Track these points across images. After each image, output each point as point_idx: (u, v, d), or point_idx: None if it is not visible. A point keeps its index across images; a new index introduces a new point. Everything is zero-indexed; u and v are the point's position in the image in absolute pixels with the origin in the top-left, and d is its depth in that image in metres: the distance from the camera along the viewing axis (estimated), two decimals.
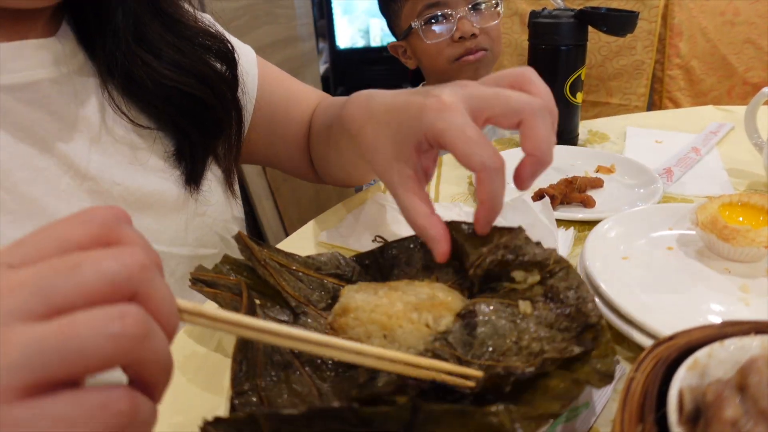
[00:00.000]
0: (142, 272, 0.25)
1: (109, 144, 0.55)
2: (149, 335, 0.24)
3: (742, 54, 1.62)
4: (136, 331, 0.23)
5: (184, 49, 0.58)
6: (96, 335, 0.22)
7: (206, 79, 0.59)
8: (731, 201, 0.55)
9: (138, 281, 0.24)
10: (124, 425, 0.23)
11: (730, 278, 0.50)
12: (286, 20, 2.29)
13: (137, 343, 0.23)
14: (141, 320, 0.23)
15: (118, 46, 0.53)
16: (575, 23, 0.81)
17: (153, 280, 0.25)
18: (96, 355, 0.22)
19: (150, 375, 0.25)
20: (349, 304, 0.41)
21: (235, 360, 0.37)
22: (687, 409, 0.26)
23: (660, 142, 0.92)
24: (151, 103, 0.57)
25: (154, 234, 0.56)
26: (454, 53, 1.16)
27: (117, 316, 0.23)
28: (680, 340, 0.31)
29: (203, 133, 0.60)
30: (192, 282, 0.45)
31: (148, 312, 0.24)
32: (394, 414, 0.28)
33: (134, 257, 0.24)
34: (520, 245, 0.42)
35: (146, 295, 0.25)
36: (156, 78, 0.55)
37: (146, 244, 0.27)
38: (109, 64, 0.54)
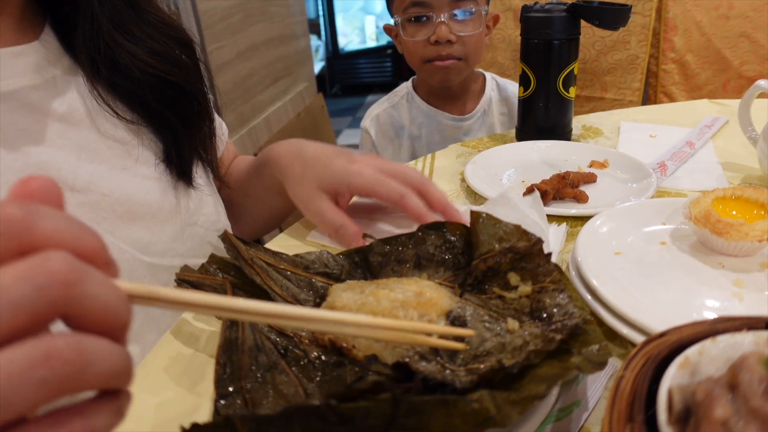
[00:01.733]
0: (67, 289, 0.21)
1: (97, 147, 0.54)
2: (81, 280, 0.22)
3: (737, 48, 1.61)
4: (65, 278, 0.21)
5: (155, 37, 0.58)
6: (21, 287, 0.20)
7: (182, 66, 0.60)
8: (725, 195, 0.54)
9: (64, 302, 0.21)
10: (71, 374, 0.21)
11: (723, 273, 0.49)
12: (280, 18, 2.28)
13: (67, 289, 0.21)
14: (68, 266, 0.21)
15: (98, 33, 0.53)
16: (568, 17, 0.81)
17: (82, 295, 0.22)
18: (22, 307, 0.20)
19: (95, 322, 0.23)
20: (336, 303, 0.40)
21: (218, 362, 0.36)
22: (677, 409, 0.25)
23: (654, 137, 0.91)
24: (136, 95, 0.56)
25: (145, 246, 0.55)
26: (427, 55, 1.16)
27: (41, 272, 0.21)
28: (671, 336, 0.30)
29: (186, 123, 0.61)
30: (177, 283, 0.45)
31: (88, 327, 0.22)
32: (374, 409, 0.28)
33: (54, 272, 0.21)
34: (532, 255, 0.42)
35: (79, 313, 0.22)
36: (140, 66, 0.55)
37: (71, 236, 0.23)
38: (92, 53, 0.53)
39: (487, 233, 0.45)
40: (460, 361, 0.37)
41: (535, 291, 0.41)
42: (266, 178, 0.68)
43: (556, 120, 0.87)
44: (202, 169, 0.65)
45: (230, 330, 0.38)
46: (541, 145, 0.85)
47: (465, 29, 1.13)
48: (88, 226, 0.24)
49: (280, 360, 0.39)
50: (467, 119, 1.25)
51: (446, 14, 1.11)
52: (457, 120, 1.25)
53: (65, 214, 0.23)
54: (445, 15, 1.11)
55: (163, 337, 0.48)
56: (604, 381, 0.39)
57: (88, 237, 0.24)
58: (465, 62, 1.17)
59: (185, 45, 0.62)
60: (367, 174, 0.58)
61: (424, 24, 1.14)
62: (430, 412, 0.29)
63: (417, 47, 1.17)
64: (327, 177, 0.59)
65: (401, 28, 1.17)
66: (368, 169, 0.58)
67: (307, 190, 0.60)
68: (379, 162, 0.61)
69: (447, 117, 1.25)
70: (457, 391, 0.32)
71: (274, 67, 2.18)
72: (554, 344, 0.34)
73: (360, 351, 0.38)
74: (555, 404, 0.37)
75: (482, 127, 1.26)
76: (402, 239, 0.50)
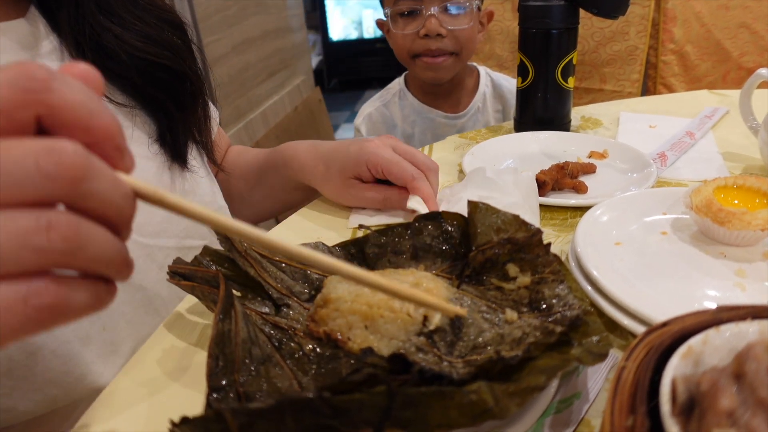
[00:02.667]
0: (72, 185, 0.22)
1: None
2: (87, 177, 0.22)
3: (736, 39, 1.60)
4: (72, 173, 0.22)
5: (146, 20, 0.57)
6: (30, 168, 0.21)
7: (173, 48, 0.59)
8: (726, 184, 0.53)
9: (67, 195, 0.22)
10: (66, 250, 0.22)
11: (725, 263, 0.48)
12: (277, 11, 2.27)
13: (72, 184, 0.22)
14: (77, 160, 0.22)
15: (83, 16, 0.52)
16: (566, 6, 0.80)
17: (86, 192, 0.23)
18: (26, 187, 0.21)
19: (97, 215, 0.23)
20: (331, 294, 0.39)
21: (211, 355, 0.35)
22: (680, 400, 0.24)
23: (654, 127, 0.90)
24: (126, 78, 0.55)
25: (138, 226, 0.54)
26: (416, 49, 1.14)
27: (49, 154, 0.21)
28: (673, 326, 0.29)
29: (179, 105, 0.60)
30: (170, 275, 0.44)
31: (90, 216, 0.23)
32: (369, 401, 0.27)
33: (63, 164, 0.22)
34: (531, 246, 0.41)
35: (82, 207, 0.23)
36: (127, 50, 0.54)
37: (86, 110, 0.23)
38: (77, 37, 0.52)
39: (485, 224, 0.44)
40: (458, 353, 0.36)
41: (534, 282, 0.40)
42: (285, 177, 0.71)
43: (554, 110, 0.86)
44: (197, 151, 0.65)
45: (223, 322, 0.37)
46: (539, 136, 0.84)
47: (456, 23, 1.11)
48: (108, 108, 0.25)
49: (275, 353, 0.38)
50: (461, 117, 1.23)
51: (437, 8, 1.09)
52: (450, 118, 1.23)
53: (89, 91, 0.24)
54: (436, 8, 1.09)
55: (156, 329, 0.47)
56: (605, 372, 0.39)
57: (104, 117, 0.24)
58: (456, 57, 1.15)
59: (176, 27, 0.61)
60: (382, 153, 0.60)
61: (414, 17, 1.12)
62: (427, 404, 0.28)
63: (406, 41, 1.15)
64: (348, 164, 0.62)
65: (391, 21, 1.15)
66: (384, 149, 0.61)
67: (336, 184, 0.64)
68: (393, 141, 0.63)
69: (440, 115, 1.23)
70: (454, 382, 0.31)
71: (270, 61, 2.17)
72: (554, 336, 0.33)
73: (355, 343, 0.38)
74: (555, 396, 0.36)
75: (476, 124, 1.25)
76: (398, 230, 0.49)
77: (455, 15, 1.12)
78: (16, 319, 0.22)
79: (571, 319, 0.35)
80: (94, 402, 0.40)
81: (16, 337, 0.22)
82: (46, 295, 0.22)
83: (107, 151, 0.24)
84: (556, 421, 0.35)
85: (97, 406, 0.40)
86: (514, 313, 0.38)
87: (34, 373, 0.47)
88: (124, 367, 0.44)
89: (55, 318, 0.23)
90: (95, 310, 0.24)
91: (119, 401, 0.40)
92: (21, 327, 0.22)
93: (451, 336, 0.37)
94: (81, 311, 0.24)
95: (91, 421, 0.39)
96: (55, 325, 0.23)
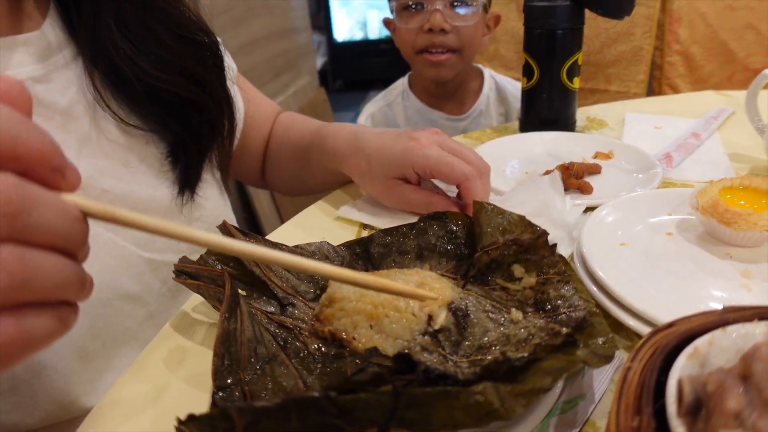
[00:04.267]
0: (12, 222, 0.21)
1: (100, 144, 0.52)
2: (27, 210, 0.21)
3: (742, 39, 1.60)
4: (10, 210, 0.21)
5: (168, 43, 0.54)
6: None
7: (194, 77, 0.55)
8: (732, 184, 0.53)
9: (9, 234, 0.21)
10: (14, 284, 0.21)
11: (731, 263, 0.48)
12: (282, 11, 2.27)
13: (13, 221, 0.21)
14: (13, 195, 0.21)
15: (100, 31, 0.50)
16: (571, 6, 0.79)
17: (29, 225, 0.22)
18: None
19: (45, 244, 0.23)
20: (336, 294, 0.39)
21: (217, 354, 0.35)
22: (687, 400, 0.24)
23: (659, 128, 0.90)
24: (140, 102, 0.53)
25: (144, 242, 0.54)
26: (420, 44, 1.15)
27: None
28: (679, 327, 0.29)
29: (197, 136, 0.57)
30: (176, 274, 0.44)
31: (38, 246, 0.22)
32: (375, 401, 0.27)
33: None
34: (537, 247, 0.41)
35: (27, 240, 0.22)
36: (140, 76, 0.51)
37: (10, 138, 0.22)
38: (93, 53, 0.50)
39: (491, 224, 0.44)
40: (463, 352, 0.36)
41: (540, 282, 0.40)
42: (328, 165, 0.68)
43: (560, 111, 0.86)
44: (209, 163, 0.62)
45: (228, 321, 0.37)
46: (545, 137, 0.84)
47: (460, 20, 1.12)
48: (40, 128, 0.23)
49: (280, 352, 0.39)
50: (463, 119, 1.23)
51: (442, 3, 1.10)
52: (453, 120, 1.23)
53: (12, 113, 0.22)
54: (441, 4, 1.10)
55: (162, 329, 0.47)
56: (610, 373, 0.38)
57: (31, 141, 0.22)
58: (459, 55, 1.15)
59: (202, 46, 0.58)
60: (431, 154, 0.57)
61: (419, 12, 1.13)
62: (432, 405, 0.28)
63: (410, 35, 1.15)
64: (393, 165, 0.59)
65: (396, 15, 1.16)
66: (432, 149, 0.57)
67: (379, 184, 0.61)
68: (441, 139, 0.60)
69: (442, 117, 1.23)
70: (459, 383, 0.31)
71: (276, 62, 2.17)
72: (560, 338, 0.33)
73: (360, 343, 0.38)
74: (560, 396, 0.36)
75: (479, 127, 1.25)
76: (403, 230, 0.49)
77: (460, 11, 1.12)
78: None
79: (576, 320, 0.35)
80: (100, 401, 0.40)
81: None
82: (7, 332, 0.21)
83: (44, 175, 0.23)
84: (561, 421, 0.35)
85: (103, 406, 0.40)
86: (519, 313, 0.38)
87: (37, 390, 0.47)
88: (130, 366, 0.44)
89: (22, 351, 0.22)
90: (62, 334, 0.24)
91: (125, 401, 0.40)
92: None
93: (456, 335, 0.37)
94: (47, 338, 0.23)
95: (97, 420, 0.39)
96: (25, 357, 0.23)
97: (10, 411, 0.46)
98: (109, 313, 0.51)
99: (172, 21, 0.55)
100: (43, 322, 0.23)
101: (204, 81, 0.57)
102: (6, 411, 0.45)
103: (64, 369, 0.48)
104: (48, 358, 0.46)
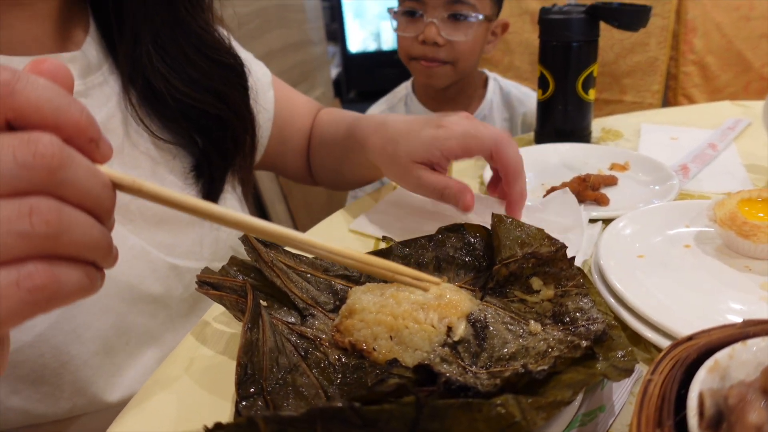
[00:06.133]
0: (49, 174, 0.23)
1: (131, 156, 0.55)
2: (64, 166, 0.23)
3: (758, 49, 1.59)
4: (48, 162, 0.22)
5: (199, 63, 0.57)
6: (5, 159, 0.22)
7: (221, 95, 0.59)
8: (750, 196, 0.53)
9: (45, 185, 0.23)
10: (50, 234, 0.23)
11: (750, 276, 0.48)
12: (297, 24, 2.29)
13: (50, 173, 0.23)
14: (53, 150, 0.23)
15: (139, 52, 0.53)
16: (586, 19, 0.80)
17: (64, 181, 0.23)
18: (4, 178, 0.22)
19: (77, 204, 0.24)
20: (356, 305, 0.40)
21: (240, 363, 0.36)
22: (708, 414, 0.24)
23: (675, 139, 0.90)
24: (171, 118, 0.57)
25: (169, 248, 0.56)
26: (414, 52, 1.16)
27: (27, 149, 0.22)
28: (699, 340, 0.29)
29: (222, 151, 0.60)
30: (198, 285, 0.45)
31: (74, 204, 0.24)
32: (398, 412, 0.27)
33: (39, 154, 0.22)
34: (555, 260, 0.42)
35: (61, 196, 0.23)
36: (173, 93, 0.55)
37: (53, 107, 0.24)
38: (131, 72, 0.54)
39: (509, 237, 0.45)
40: (482, 364, 0.36)
41: (558, 295, 0.41)
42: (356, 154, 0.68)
43: (575, 122, 0.87)
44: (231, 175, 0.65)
45: (251, 332, 0.38)
46: (560, 148, 0.84)
47: (455, 34, 1.12)
48: (79, 103, 0.25)
49: (301, 362, 0.39)
50: None
51: (438, 16, 1.10)
52: None
53: (55, 88, 0.24)
54: (438, 16, 1.10)
55: (184, 338, 0.48)
56: (630, 385, 0.39)
57: (72, 112, 0.24)
58: (452, 67, 1.16)
59: (230, 68, 0.61)
60: (456, 133, 0.56)
61: (416, 20, 1.14)
62: (454, 416, 0.29)
63: (406, 42, 1.17)
64: (418, 149, 0.58)
65: (396, 19, 1.17)
66: (457, 128, 0.57)
67: (401, 167, 0.60)
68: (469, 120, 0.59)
69: None
70: (480, 394, 0.32)
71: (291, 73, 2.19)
72: (580, 351, 0.33)
73: (380, 354, 0.38)
74: (579, 409, 0.36)
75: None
76: (422, 241, 0.50)
77: (457, 25, 1.12)
78: (11, 302, 0.22)
79: (595, 333, 0.35)
80: (123, 409, 0.41)
81: (14, 321, 0.23)
82: (37, 276, 0.23)
83: (81, 144, 0.25)
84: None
85: (126, 414, 0.41)
86: (538, 324, 0.38)
87: (64, 381, 0.48)
88: (153, 374, 0.45)
89: (49, 299, 0.23)
90: (88, 293, 0.25)
91: (148, 408, 0.41)
92: (17, 310, 0.23)
93: (475, 347, 0.38)
94: (74, 293, 0.24)
95: (120, 428, 0.39)
96: (51, 307, 0.24)
97: (39, 401, 0.47)
98: (134, 312, 0.53)
99: (205, 44, 0.58)
100: (74, 274, 0.24)
101: (229, 99, 0.60)
102: (35, 400, 0.47)
103: (90, 361, 0.49)
104: (75, 349, 0.48)
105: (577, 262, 0.50)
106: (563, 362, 0.33)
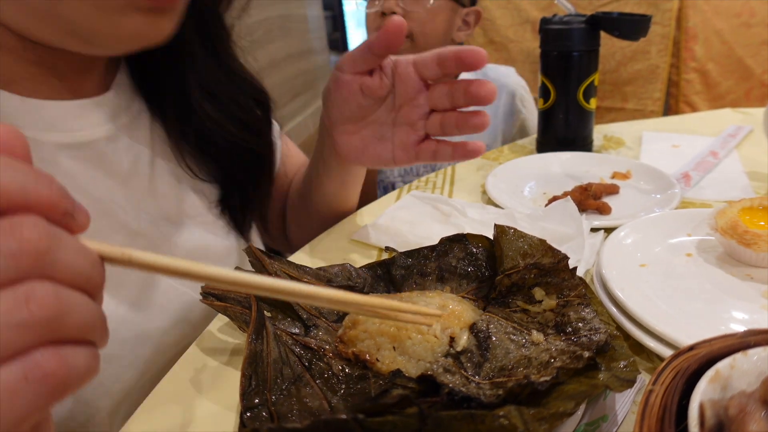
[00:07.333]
0: (37, 258, 0.21)
1: (158, 196, 0.54)
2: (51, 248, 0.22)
3: (759, 55, 1.59)
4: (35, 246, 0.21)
5: (239, 99, 0.58)
6: None
7: (260, 132, 0.61)
8: (752, 205, 0.53)
9: (34, 270, 0.21)
10: (50, 318, 0.21)
11: (752, 285, 0.48)
12: (300, 34, 2.31)
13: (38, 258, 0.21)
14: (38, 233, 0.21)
15: (187, 101, 0.53)
16: (587, 28, 0.81)
17: (53, 263, 0.22)
18: None
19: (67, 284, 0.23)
20: (359, 316, 0.40)
21: (244, 374, 0.36)
22: (709, 424, 0.25)
23: (677, 147, 0.90)
24: (214, 157, 0.57)
25: (197, 285, 0.56)
26: (374, 26, 1.19)
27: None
28: (701, 350, 0.30)
29: (255, 185, 0.62)
30: (203, 296, 0.45)
31: (66, 285, 0.22)
32: (401, 423, 0.28)
33: (24, 240, 0.21)
34: (557, 270, 0.42)
35: (50, 277, 0.22)
36: (224, 135, 0.56)
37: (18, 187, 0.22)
38: (182, 122, 0.54)
39: (512, 248, 0.45)
40: (485, 374, 0.36)
41: (560, 305, 0.41)
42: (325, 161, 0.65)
43: (576, 131, 0.87)
44: None
45: (255, 343, 0.39)
46: (562, 157, 0.84)
47: (413, 6, 1.14)
48: (45, 174, 0.23)
49: (305, 373, 0.39)
50: None
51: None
52: None
53: (16, 165, 0.22)
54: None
55: (188, 350, 0.49)
56: (632, 395, 0.39)
57: (39, 189, 0.23)
58: (410, 42, 1.17)
59: (261, 102, 0.62)
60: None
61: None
62: (457, 427, 0.29)
63: (370, 19, 1.19)
64: (328, 87, 0.57)
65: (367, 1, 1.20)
66: None
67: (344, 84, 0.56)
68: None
69: None
70: (483, 405, 0.32)
71: (294, 83, 2.21)
72: (583, 362, 0.34)
73: (384, 364, 0.38)
74: (582, 419, 0.36)
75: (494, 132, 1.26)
76: (424, 252, 0.50)
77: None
78: (24, 399, 0.21)
79: (597, 343, 0.35)
80: (128, 420, 0.41)
81: (32, 416, 0.21)
82: (45, 364, 0.21)
83: (56, 220, 0.23)
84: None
85: (131, 425, 0.41)
86: (540, 335, 0.39)
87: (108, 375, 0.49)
88: (157, 385, 0.45)
89: (60, 386, 0.22)
90: (95, 373, 0.24)
91: (152, 419, 0.41)
92: (33, 405, 0.21)
93: (478, 357, 0.38)
94: (84, 375, 0.23)
95: None
96: (66, 393, 0.22)
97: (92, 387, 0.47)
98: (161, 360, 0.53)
99: (243, 81, 0.60)
100: (81, 355, 0.23)
101: (263, 133, 0.62)
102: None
103: (116, 412, 0.49)
104: (104, 402, 0.48)
105: (579, 272, 0.50)
106: (566, 373, 0.33)
